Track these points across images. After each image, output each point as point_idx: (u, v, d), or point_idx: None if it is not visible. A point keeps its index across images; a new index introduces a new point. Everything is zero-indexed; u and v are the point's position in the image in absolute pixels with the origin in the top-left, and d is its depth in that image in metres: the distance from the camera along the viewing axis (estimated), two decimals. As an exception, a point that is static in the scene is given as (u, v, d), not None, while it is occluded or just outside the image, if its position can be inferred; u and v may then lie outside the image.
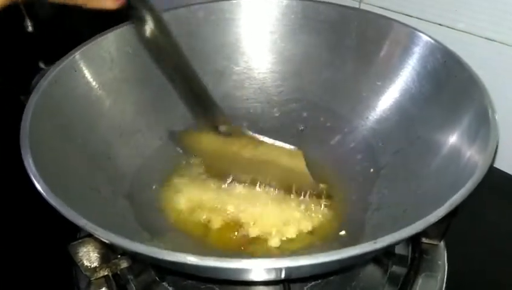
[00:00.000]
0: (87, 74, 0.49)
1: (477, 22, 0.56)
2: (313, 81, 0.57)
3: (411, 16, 0.60)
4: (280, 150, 0.47)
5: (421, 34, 0.50)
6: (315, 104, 0.57)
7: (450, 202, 0.33)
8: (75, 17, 1.02)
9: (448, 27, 0.58)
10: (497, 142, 0.38)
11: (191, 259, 0.30)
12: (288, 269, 0.33)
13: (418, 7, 0.60)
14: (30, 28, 0.96)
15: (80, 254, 0.44)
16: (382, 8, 0.62)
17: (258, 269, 0.31)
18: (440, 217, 0.32)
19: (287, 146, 0.47)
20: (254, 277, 0.35)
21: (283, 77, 0.58)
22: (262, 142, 0.47)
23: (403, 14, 0.61)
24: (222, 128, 0.48)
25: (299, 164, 0.47)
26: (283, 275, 0.35)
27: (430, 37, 0.50)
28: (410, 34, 0.51)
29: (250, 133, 0.48)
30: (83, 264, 0.44)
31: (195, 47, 0.57)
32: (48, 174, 0.37)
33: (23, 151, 0.37)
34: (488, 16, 0.55)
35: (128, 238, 0.33)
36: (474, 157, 0.39)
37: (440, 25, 0.59)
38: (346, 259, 0.30)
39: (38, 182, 0.35)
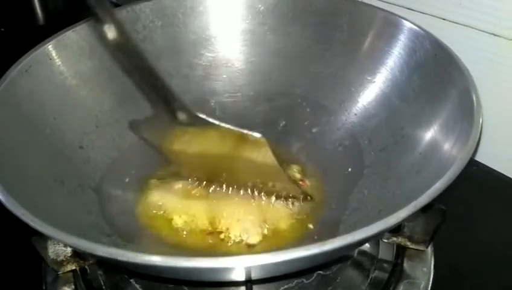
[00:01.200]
0: (62, 63, 0.48)
1: (481, 16, 0.52)
2: (302, 75, 0.55)
3: (414, 10, 0.58)
4: (246, 140, 0.42)
5: (409, 23, 0.48)
6: (303, 99, 0.54)
7: (414, 204, 0.30)
8: (87, 10, 1.03)
9: (451, 21, 0.55)
10: (478, 140, 0.35)
11: (129, 255, 0.28)
12: (244, 268, 0.31)
13: (420, 1, 0.57)
14: (41, 21, 0.98)
15: (46, 247, 0.43)
16: (384, 1, 0.59)
17: (202, 268, 0.29)
18: (400, 220, 0.29)
19: (251, 134, 0.41)
20: (204, 276, 0.33)
21: (271, 71, 0.56)
22: (226, 130, 0.42)
23: (405, 7, 0.58)
24: (181, 116, 0.43)
25: (266, 156, 0.42)
26: (239, 276, 0.33)
27: (419, 26, 0.47)
28: (398, 24, 0.48)
29: (210, 120, 0.42)
30: (48, 257, 0.43)
31: (181, 38, 0.56)
32: (3, 163, 0.36)
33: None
34: (493, 10, 0.51)
35: (81, 233, 0.31)
36: (453, 156, 0.36)
37: (443, 19, 0.56)
38: (292, 261, 0.28)
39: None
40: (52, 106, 0.46)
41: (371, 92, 0.50)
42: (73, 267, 0.44)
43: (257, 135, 0.41)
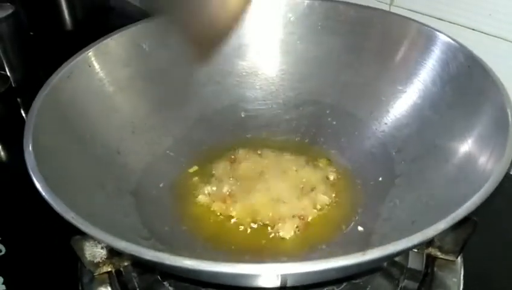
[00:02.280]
0: (101, 70, 0.50)
1: (510, 27, 0.53)
2: (332, 83, 0.56)
3: (443, 20, 0.58)
4: None
5: (443, 35, 0.48)
6: (333, 108, 0.55)
7: (452, 216, 0.31)
8: (114, 15, 1.05)
9: (481, 32, 0.55)
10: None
11: (168, 258, 0.29)
12: (281, 276, 0.32)
13: (450, 10, 0.57)
14: (69, 27, 1.00)
15: (83, 248, 0.44)
16: (413, 11, 0.60)
17: (238, 274, 0.30)
18: (438, 232, 0.30)
19: None
20: (240, 281, 0.34)
21: (301, 79, 0.57)
22: None
23: (435, 17, 0.58)
24: None
25: None
26: (275, 282, 0.34)
27: (452, 39, 0.47)
28: (431, 36, 0.49)
29: None
30: (85, 258, 0.44)
31: (213, 46, 0.57)
32: (47, 167, 0.37)
33: (24, 143, 0.38)
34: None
35: (121, 235, 0.32)
36: (489, 169, 0.36)
37: (473, 30, 0.56)
38: (330, 270, 0.28)
39: (34, 174, 0.35)
40: (92, 111, 0.48)
41: (402, 102, 0.51)
42: (109, 269, 0.45)
43: None
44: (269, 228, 0.46)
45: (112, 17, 1.02)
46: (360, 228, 0.45)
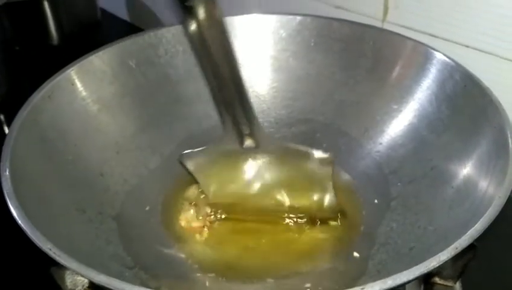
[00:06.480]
0: (85, 88, 0.48)
1: (505, 45, 0.52)
2: (325, 102, 0.54)
3: (437, 37, 0.57)
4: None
5: (439, 54, 0.47)
6: (326, 127, 0.53)
7: (455, 245, 0.30)
8: (102, 30, 1.04)
9: (475, 49, 0.55)
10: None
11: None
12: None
13: (444, 27, 0.56)
14: (55, 41, 0.98)
15: (64, 277, 0.42)
16: (406, 27, 0.59)
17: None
18: (441, 263, 0.28)
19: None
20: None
21: (294, 97, 0.56)
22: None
23: (428, 34, 0.57)
24: (248, 142, 0.44)
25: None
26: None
27: (449, 57, 0.46)
28: (427, 54, 0.47)
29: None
30: (66, 287, 0.42)
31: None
32: (25, 192, 0.35)
33: (1, 167, 0.36)
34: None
35: (102, 265, 0.30)
36: (490, 193, 0.35)
37: (467, 46, 0.55)
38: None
39: (10, 200, 0.33)
40: (74, 132, 0.46)
41: (397, 122, 0.49)
42: (92, 297, 0.43)
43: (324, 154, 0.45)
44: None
45: (100, 32, 1.00)
46: (355, 254, 0.43)
